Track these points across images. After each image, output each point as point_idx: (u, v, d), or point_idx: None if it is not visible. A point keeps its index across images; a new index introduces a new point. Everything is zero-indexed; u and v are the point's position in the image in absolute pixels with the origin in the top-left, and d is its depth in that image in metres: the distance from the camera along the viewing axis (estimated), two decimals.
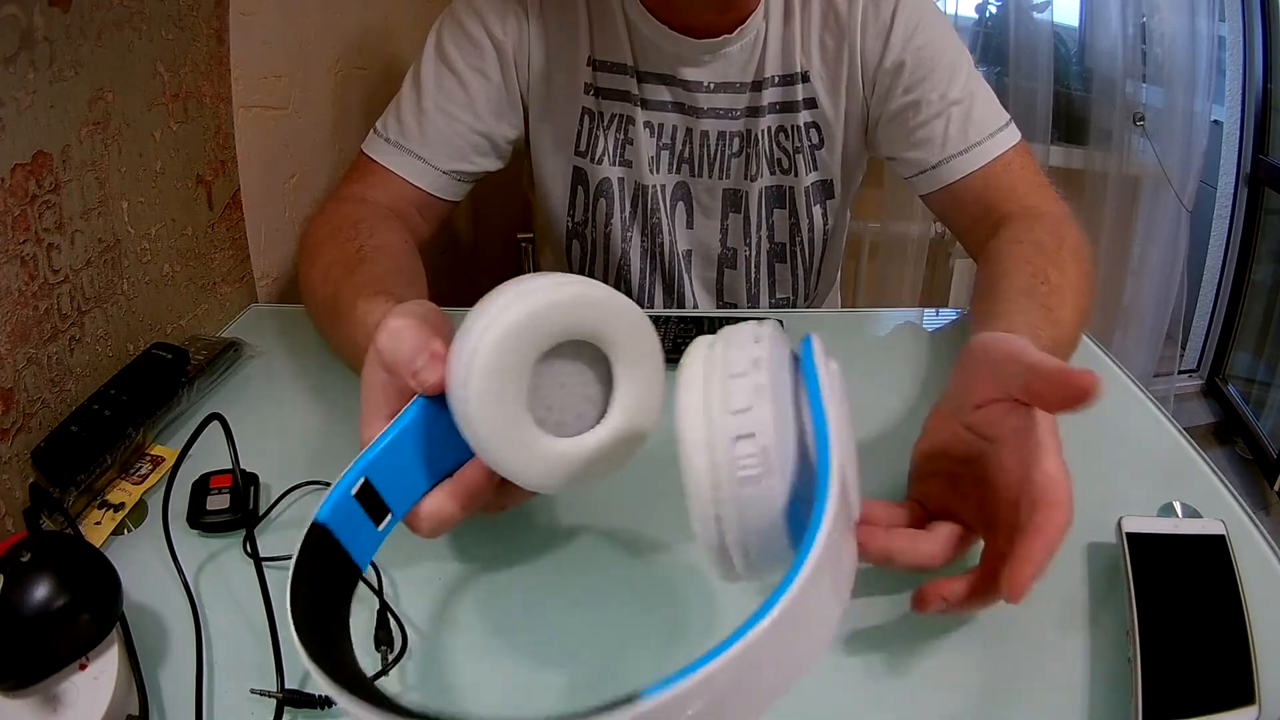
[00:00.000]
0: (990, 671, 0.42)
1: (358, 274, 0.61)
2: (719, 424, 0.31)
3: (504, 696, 0.41)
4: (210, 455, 0.51)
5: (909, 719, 0.40)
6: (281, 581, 0.45)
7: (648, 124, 0.82)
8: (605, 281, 0.80)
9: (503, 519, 0.51)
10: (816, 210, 0.86)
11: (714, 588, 0.46)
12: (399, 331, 0.42)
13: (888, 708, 0.40)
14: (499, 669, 0.42)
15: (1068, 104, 1.88)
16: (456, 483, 0.41)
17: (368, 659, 0.42)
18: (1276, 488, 1.83)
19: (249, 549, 0.47)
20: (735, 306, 0.91)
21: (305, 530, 0.36)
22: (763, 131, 0.81)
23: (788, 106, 0.81)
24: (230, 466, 0.51)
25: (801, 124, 0.81)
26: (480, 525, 0.51)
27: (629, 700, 0.24)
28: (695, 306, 0.90)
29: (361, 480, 0.39)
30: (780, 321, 0.71)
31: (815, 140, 0.82)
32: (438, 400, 0.40)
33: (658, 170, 0.84)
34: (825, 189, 0.85)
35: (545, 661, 0.42)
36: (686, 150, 0.83)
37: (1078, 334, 0.60)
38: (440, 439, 0.41)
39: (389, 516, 0.40)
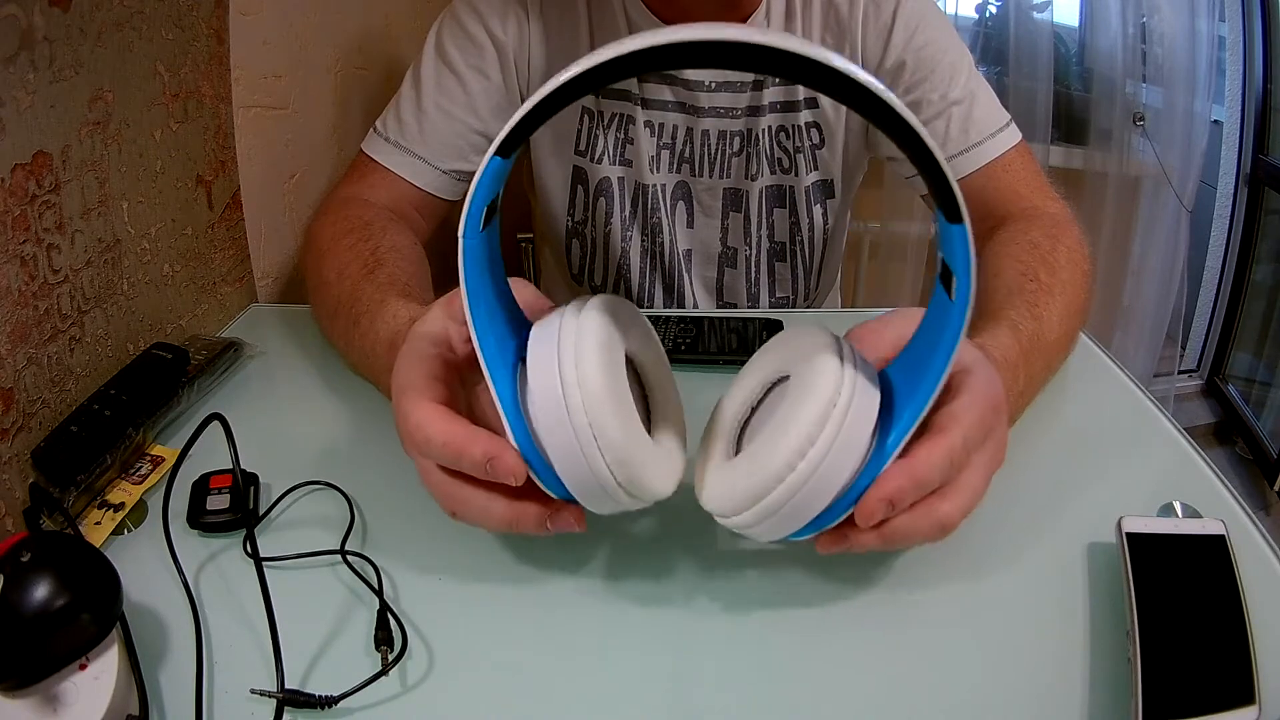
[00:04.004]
0: (990, 671, 0.42)
1: (379, 274, 0.61)
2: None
3: (505, 696, 0.41)
4: (210, 455, 0.51)
5: (907, 718, 0.40)
6: (281, 581, 0.46)
7: (648, 123, 0.82)
8: (605, 281, 0.81)
9: None
10: (817, 210, 0.86)
11: (719, 588, 0.46)
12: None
13: (886, 707, 0.40)
14: (500, 669, 0.42)
15: (1068, 104, 1.88)
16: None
17: (368, 659, 0.42)
18: (1276, 488, 1.83)
19: (249, 549, 0.47)
20: (735, 306, 0.91)
21: None
22: (763, 131, 0.81)
23: (788, 106, 0.81)
24: (230, 466, 0.51)
25: (802, 123, 0.81)
26: None
27: None
28: (695, 306, 0.90)
29: None
30: (780, 322, 0.72)
31: (816, 140, 0.82)
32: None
33: (658, 169, 0.84)
34: (826, 188, 0.85)
35: (547, 661, 0.42)
36: (687, 149, 0.83)
37: (1068, 332, 0.60)
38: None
39: None
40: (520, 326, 0.42)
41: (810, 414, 0.37)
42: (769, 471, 0.37)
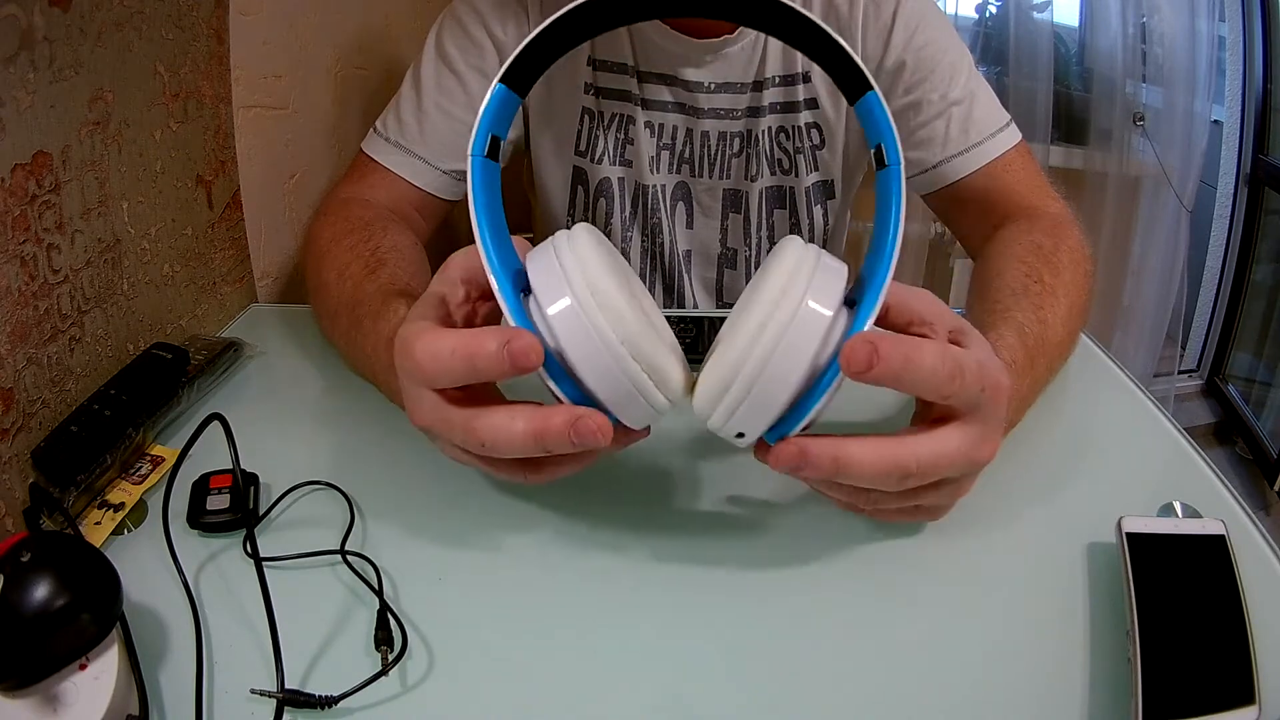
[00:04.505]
0: (990, 671, 0.42)
1: (380, 274, 0.61)
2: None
3: (505, 696, 0.41)
4: (210, 455, 0.51)
5: (907, 718, 0.40)
6: (281, 581, 0.46)
7: (648, 124, 0.82)
8: None
9: (501, 516, 0.51)
10: (817, 210, 0.86)
11: (720, 587, 0.46)
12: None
13: (886, 705, 0.40)
14: (500, 668, 0.42)
15: (1068, 104, 1.88)
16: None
17: (368, 659, 0.42)
18: (1276, 488, 1.83)
19: (249, 549, 0.47)
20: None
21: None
22: (763, 132, 0.81)
23: (789, 107, 0.81)
24: (230, 466, 0.51)
25: (802, 124, 0.81)
26: (480, 524, 0.51)
27: None
28: (695, 306, 0.90)
29: None
30: None
31: (816, 140, 0.82)
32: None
33: (658, 170, 0.84)
34: (826, 189, 0.86)
35: (547, 660, 0.42)
36: (687, 150, 0.83)
37: (1070, 334, 0.60)
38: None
39: None
40: (517, 264, 0.42)
41: (770, 289, 0.38)
42: (735, 351, 0.37)
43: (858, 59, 0.36)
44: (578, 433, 0.39)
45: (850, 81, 0.36)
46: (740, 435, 0.40)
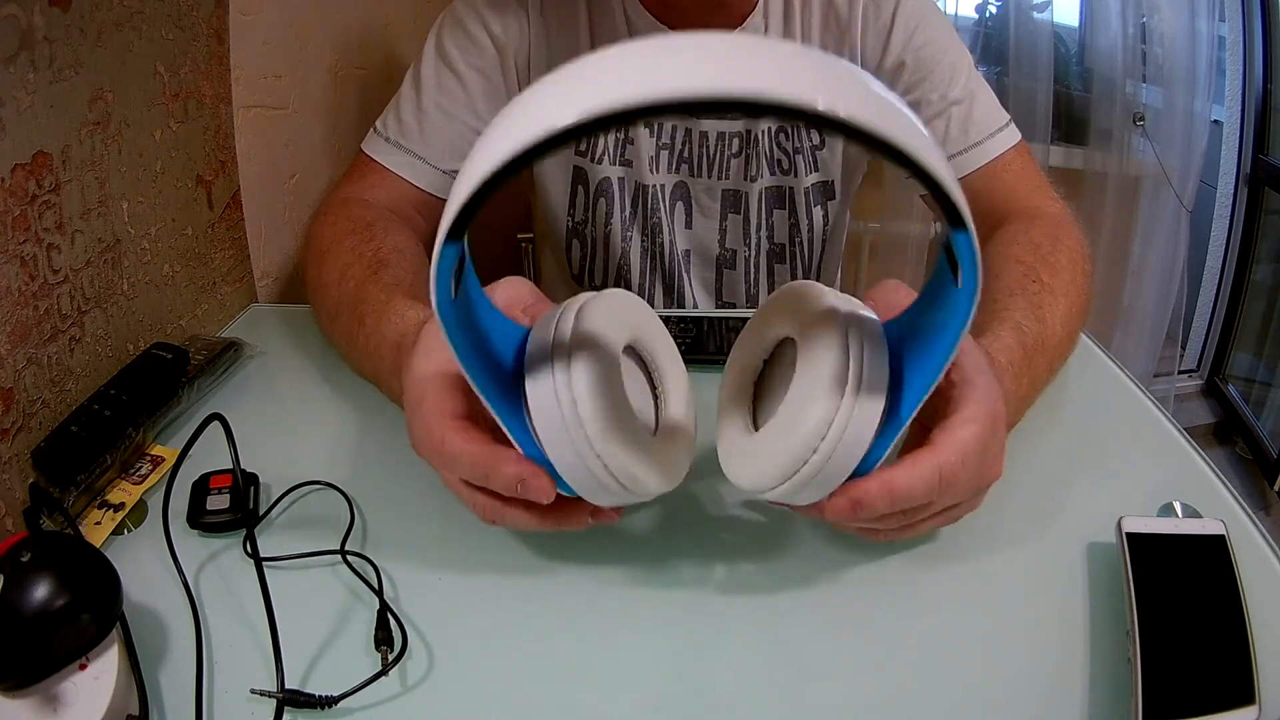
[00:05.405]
0: (990, 671, 0.42)
1: (383, 275, 0.61)
2: None
3: (505, 696, 0.41)
4: (210, 455, 0.51)
5: (907, 718, 0.40)
6: (281, 581, 0.46)
7: (648, 123, 0.82)
8: (605, 281, 0.80)
9: None
10: (816, 211, 0.86)
11: (721, 584, 0.46)
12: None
13: (886, 706, 0.40)
14: (499, 669, 0.42)
15: (1068, 104, 1.88)
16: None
17: (368, 659, 0.42)
18: (1276, 488, 1.83)
19: (249, 549, 0.47)
20: (734, 307, 0.91)
21: None
22: (763, 132, 0.81)
23: None
24: (230, 466, 0.51)
25: (802, 124, 0.81)
26: (480, 524, 0.50)
27: None
28: (695, 306, 0.90)
29: None
30: None
31: (815, 141, 0.82)
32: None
33: (657, 170, 0.84)
34: (825, 189, 0.85)
35: (547, 660, 0.42)
36: (686, 150, 0.83)
37: (1069, 334, 0.60)
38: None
39: None
40: (513, 340, 0.42)
41: (825, 391, 0.38)
42: (791, 454, 0.38)
43: (953, 192, 0.32)
44: (594, 520, 0.43)
45: (948, 212, 0.33)
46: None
